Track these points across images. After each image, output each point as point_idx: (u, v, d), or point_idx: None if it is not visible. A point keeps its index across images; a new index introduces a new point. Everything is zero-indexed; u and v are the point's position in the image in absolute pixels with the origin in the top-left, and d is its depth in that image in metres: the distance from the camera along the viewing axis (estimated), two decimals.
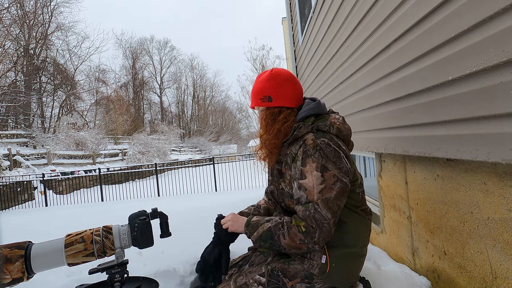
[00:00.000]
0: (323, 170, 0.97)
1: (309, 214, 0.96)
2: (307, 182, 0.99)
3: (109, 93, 25.43)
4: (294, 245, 0.99)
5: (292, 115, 1.12)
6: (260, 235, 1.04)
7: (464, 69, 0.91)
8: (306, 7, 3.80)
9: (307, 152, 1.00)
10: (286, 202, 1.13)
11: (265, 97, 1.12)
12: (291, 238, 0.98)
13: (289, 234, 0.99)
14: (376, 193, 2.05)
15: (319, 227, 0.96)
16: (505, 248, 0.89)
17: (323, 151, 0.99)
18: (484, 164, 0.95)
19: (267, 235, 1.02)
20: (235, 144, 33.67)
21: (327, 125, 1.06)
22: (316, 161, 0.98)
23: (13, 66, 17.01)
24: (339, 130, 1.08)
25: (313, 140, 1.01)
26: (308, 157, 0.99)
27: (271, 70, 1.16)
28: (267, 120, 1.13)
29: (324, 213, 0.96)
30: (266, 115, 1.14)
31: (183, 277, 1.56)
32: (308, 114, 1.09)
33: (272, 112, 1.13)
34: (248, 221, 1.10)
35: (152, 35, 46.06)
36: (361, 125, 2.00)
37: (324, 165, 0.98)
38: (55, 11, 20.56)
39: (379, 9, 1.51)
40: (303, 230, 0.97)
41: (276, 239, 1.01)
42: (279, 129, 1.10)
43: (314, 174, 0.98)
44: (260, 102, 1.14)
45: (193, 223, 2.88)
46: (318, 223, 0.96)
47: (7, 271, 0.81)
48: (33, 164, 12.30)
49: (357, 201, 1.10)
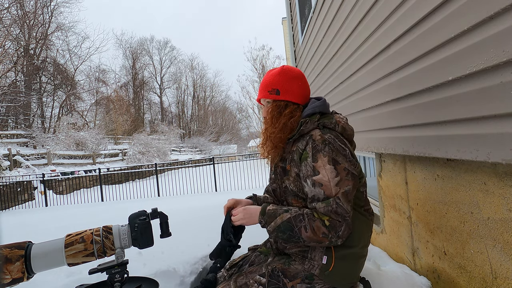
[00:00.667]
0: (335, 163, 0.98)
1: (332, 209, 0.96)
2: (321, 177, 0.98)
3: (109, 93, 25.47)
4: (316, 239, 0.97)
5: (298, 111, 1.13)
6: (279, 225, 1.01)
7: (464, 69, 0.91)
8: (306, 7, 3.80)
9: (316, 148, 1.00)
10: (289, 200, 1.13)
11: (273, 90, 1.14)
12: (313, 231, 0.97)
13: (311, 227, 0.97)
14: (376, 193, 2.05)
15: (344, 220, 0.96)
16: (505, 248, 0.89)
17: (332, 145, 1.00)
18: (484, 164, 0.95)
19: (287, 226, 1.00)
20: (235, 144, 33.69)
21: (332, 123, 1.07)
22: (327, 155, 0.99)
23: (13, 66, 17.02)
24: (344, 129, 1.09)
25: (320, 136, 1.02)
26: (319, 152, 1.00)
27: (282, 66, 1.18)
28: (273, 113, 1.14)
29: (345, 207, 0.96)
30: (272, 108, 1.15)
31: (183, 277, 1.56)
32: (314, 112, 1.10)
33: (279, 105, 1.14)
34: (264, 209, 1.06)
35: (152, 35, 46.18)
36: (361, 125, 2.00)
37: (334, 158, 0.99)
38: (55, 11, 20.61)
39: (379, 9, 1.51)
40: (327, 224, 0.96)
41: (296, 231, 0.99)
42: (285, 123, 1.10)
43: (327, 168, 0.98)
44: (267, 94, 1.15)
45: (193, 223, 2.88)
46: (342, 217, 0.96)
47: (7, 271, 0.81)
48: (33, 164, 12.30)
49: (361, 200, 1.10)
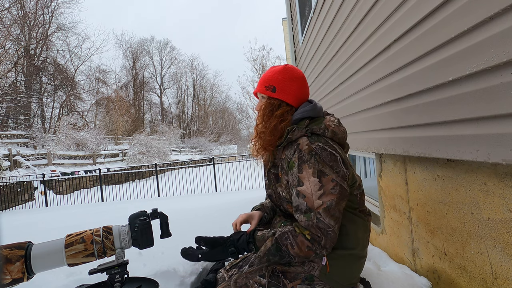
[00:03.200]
0: (321, 175, 0.96)
1: (312, 224, 0.94)
2: (305, 188, 0.97)
3: (109, 94, 25.47)
4: (302, 254, 0.96)
5: (289, 114, 1.10)
6: (268, 248, 1.00)
7: (464, 69, 0.91)
8: (306, 8, 3.80)
9: (302, 158, 0.98)
10: (285, 206, 1.12)
11: (270, 86, 1.12)
12: (298, 247, 0.96)
13: (296, 243, 0.96)
14: (376, 194, 2.04)
15: (324, 235, 0.94)
16: (505, 248, 0.89)
17: (319, 156, 0.97)
18: (484, 165, 0.95)
19: (274, 248, 0.99)
20: (235, 144, 33.64)
21: (321, 128, 1.04)
22: (313, 166, 0.96)
23: (13, 66, 17.02)
24: (334, 133, 1.06)
25: (307, 145, 0.99)
26: (304, 163, 0.97)
27: (285, 65, 1.16)
28: (265, 110, 1.12)
29: (327, 222, 0.94)
30: (266, 105, 1.13)
31: (183, 277, 1.56)
32: (302, 117, 1.08)
33: (272, 103, 1.12)
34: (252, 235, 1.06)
35: (153, 36, 46.10)
36: (362, 126, 2.00)
37: (321, 170, 0.96)
38: (56, 11, 20.60)
39: (379, 9, 1.51)
40: (308, 238, 0.95)
41: (284, 250, 0.97)
42: (275, 126, 1.08)
43: (311, 180, 0.96)
44: (263, 89, 1.13)
45: (194, 224, 2.88)
46: (323, 231, 0.94)
47: (7, 272, 0.81)
48: (33, 164, 12.31)
49: (355, 203, 1.09)
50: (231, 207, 3.98)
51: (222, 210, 3.77)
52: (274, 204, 1.21)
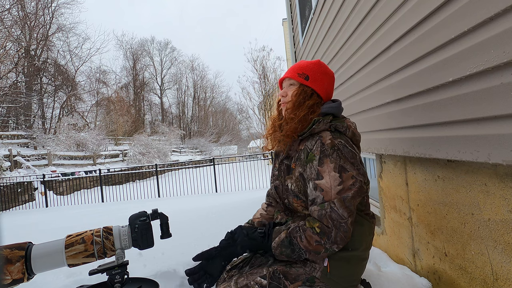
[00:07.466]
0: (341, 171, 0.96)
1: (325, 214, 0.94)
2: (324, 182, 0.97)
3: (109, 94, 25.51)
4: (311, 248, 0.96)
5: (318, 107, 1.10)
6: (282, 240, 1.01)
7: (465, 70, 0.91)
8: (307, 8, 3.80)
9: (324, 152, 0.98)
10: (290, 199, 1.12)
11: (303, 74, 1.11)
12: (307, 241, 0.96)
13: (305, 236, 0.96)
14: (376, 194, 2.04)
15: (335, 227, 0.93)
16: (506, 249, 0.88)
17: (341, 151, 0.98)
18: (484, 165, 0.95)
19: (288, 240, 1.00)
20: (236, 145, 33.68)
21: (344, 127, 1.05)
22: (334, 161, 0.97)
23: (14, 67, 17.04)
24: (353, 134, 1.07)
25: (331, 140, 1.00)
26: (326, 157, 0.98)
27: (318, 60, 1.17)
28: (298, 97, 1.10)
29: (340, 212, 0.93)
30: (298, 91, 1.11)
31: (183, 278, 1.56)
32: (327, 112, 1.09)
33: (305, 91, 1.11)
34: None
35: (153, 36, 46.24)
36: (362, 126, 2.00)
37: (342, 165, 0.96)
38: (56, 12, 20.63)
39: (380, 10, 1.51)
40: (317, 231, 0.94)
41: (295, 243, 0.98)
42: (305, 116, 1.07)
43: (332, 175, 0.96)
44: (296, 76, 1.12)
45: (194, 224, 2.88)
46: (335, 222, 0.93)
47: (8, 272, 0.81)
48: (33, 165, 12.31)
49: (363, 204, 1.09)
50: (231, 207, 3.98)
51: (223, 210, 3.78)
52: (279, 197, 1.21)
